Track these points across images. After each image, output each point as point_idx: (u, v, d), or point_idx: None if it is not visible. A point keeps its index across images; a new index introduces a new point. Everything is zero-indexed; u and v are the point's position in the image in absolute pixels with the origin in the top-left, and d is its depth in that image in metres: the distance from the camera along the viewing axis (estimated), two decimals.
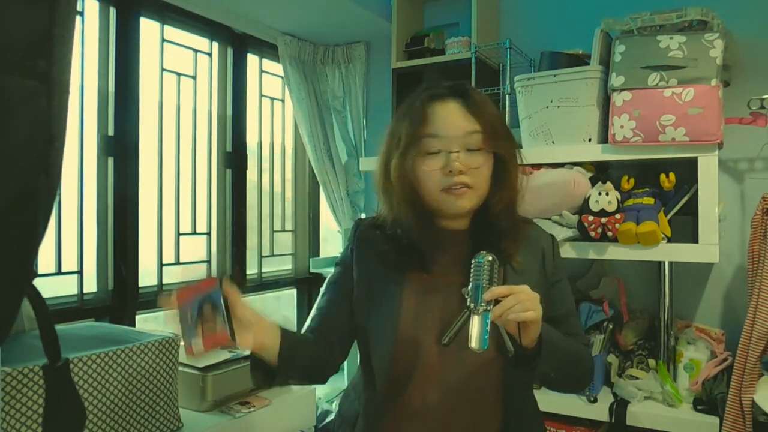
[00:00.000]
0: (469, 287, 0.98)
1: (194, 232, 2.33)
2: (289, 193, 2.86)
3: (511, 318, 0.94)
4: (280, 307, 2.92)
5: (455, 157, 1.05)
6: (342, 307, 1.19)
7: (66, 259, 1.85)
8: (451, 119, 1.08)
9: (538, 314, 0.96)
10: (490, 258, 0.98)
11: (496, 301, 0.95)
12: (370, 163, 2.07)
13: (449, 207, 1.09)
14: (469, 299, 0.97)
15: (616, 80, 1.71)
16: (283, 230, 2.82)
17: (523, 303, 0.94)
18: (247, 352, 1.09)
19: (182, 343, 1.02)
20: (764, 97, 1.72)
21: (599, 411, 1.77)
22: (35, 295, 0.57)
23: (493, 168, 1.10)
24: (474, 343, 0.94)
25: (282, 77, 2.64)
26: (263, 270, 2.66)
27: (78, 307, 1.90)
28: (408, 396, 1.10)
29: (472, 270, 0.99)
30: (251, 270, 2.58)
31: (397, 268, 1.12)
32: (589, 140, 1.81)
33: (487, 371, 1.09)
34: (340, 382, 2.43)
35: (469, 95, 1.10)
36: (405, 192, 1.09)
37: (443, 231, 1.14)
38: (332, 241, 2.98)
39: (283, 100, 2.79)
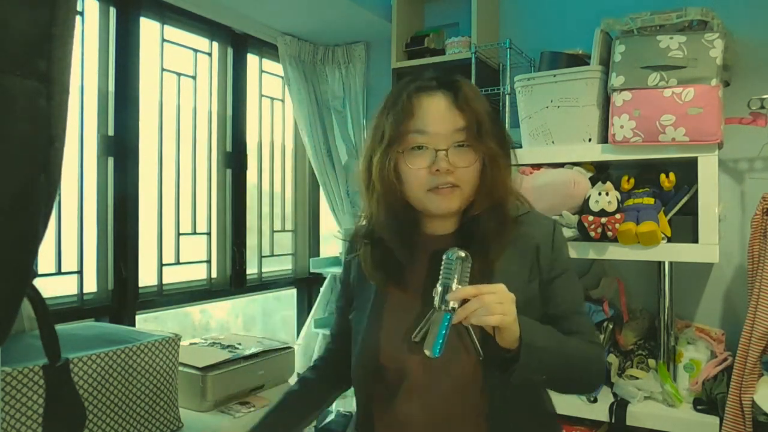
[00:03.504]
0: (438, 286, 0.91)
1: (194, 232, 2.33)
2: (289, 193, 2.86)
3: (473, 322, 0.89)
4: (280, 307, 2.92)
5: (443, 156, 0.98)
6: (345, 332, 1.15)
7: (66, 259, 1.85)
8: (440, 114, 1.00)
9: (506, 318, 0.89)
10: (462, 254, 0.92)
11: (465, 302, 0.90)
12: None
13: (435, 207, 1.02)
14: (436, 299, 0.91)
15: (616, 80, 1.71)
16: (283, 230, 2.82)
17: (488, 306, 0.88)
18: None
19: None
20: (764, 97, 1.72)
21: (599, 411, 1.77)
22: (35, 295, 0.57)
23: (482, 165, 1.01)
24: (426, 349, 0.89)
25: (282, 77, 2.64)
26: (263, 270, 2.66)
27: (78, 307, 1.90)
28: (392, 413, 1.05)
29: (441, 267, 0.92)
30: (251, 270, 2.58)
31: (377, 281, 1.07)
32: (589, 140, 1.81)
33: (470, 387, 1.00)
34: None
35: (459, 88, 1.01)
36: (386, 190, 1.02)
37: (426, 235, 1.08)
38: (332, 241, 2.98)
39: (283, 100, 2.79)
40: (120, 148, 2.01)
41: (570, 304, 1.06)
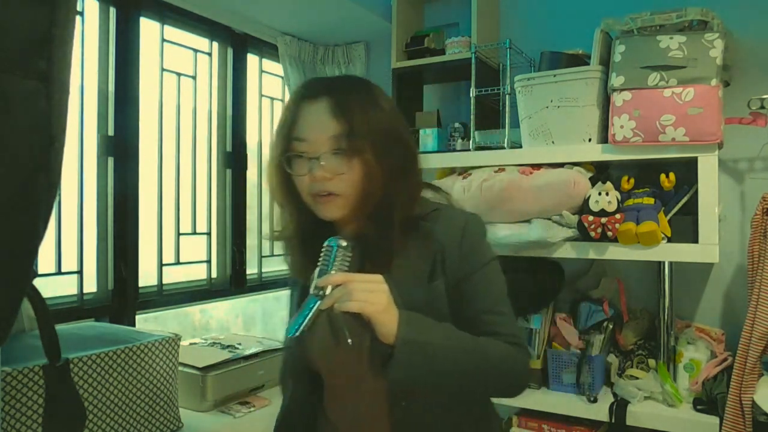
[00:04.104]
0: (315, 271, 0.92)
1: (194, 232, 2.33)
2: None
3: (336, 308, 0.87)
4: (280, 307, 2.92)
5: (316, 163, 0.97)
6: None
7: (66, 259, 1.85)
8: (316, 121, 0.98)
9: (368, 306, 0.86)
10: (344, 243, 0.92)
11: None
12: None
13: (319, 214, 1.01)
14: (312, 284, 0.91)
15: (616, 80, 1.71)
16: None
17: (350, 293, 0.86)
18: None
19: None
20: (764, 97, 1.72)
21: (599, 411, 1.77)
22: (35, 295, 0.57)
23: (381, 170, 0.98)
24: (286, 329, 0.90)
25: (282, 77, 2.64)
26: (263, 270, 2.66)
27: (78, 307, 1.90)
28: (322, 414, 1.09)
29: (321, 254, 0.93)
30: (251, 270, 2.58)
31: (300, 282, 1.09)
32: (589, 140, 1.81)
33: (378, 386, 1.00)
34: None
35: (340, 92, 0.99)
36: (281, 195, 1.04)
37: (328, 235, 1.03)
38: None
39: (283, 100, 2.79)
40: (120, 148, 2.01)
41: (485, 302, 1.01)
